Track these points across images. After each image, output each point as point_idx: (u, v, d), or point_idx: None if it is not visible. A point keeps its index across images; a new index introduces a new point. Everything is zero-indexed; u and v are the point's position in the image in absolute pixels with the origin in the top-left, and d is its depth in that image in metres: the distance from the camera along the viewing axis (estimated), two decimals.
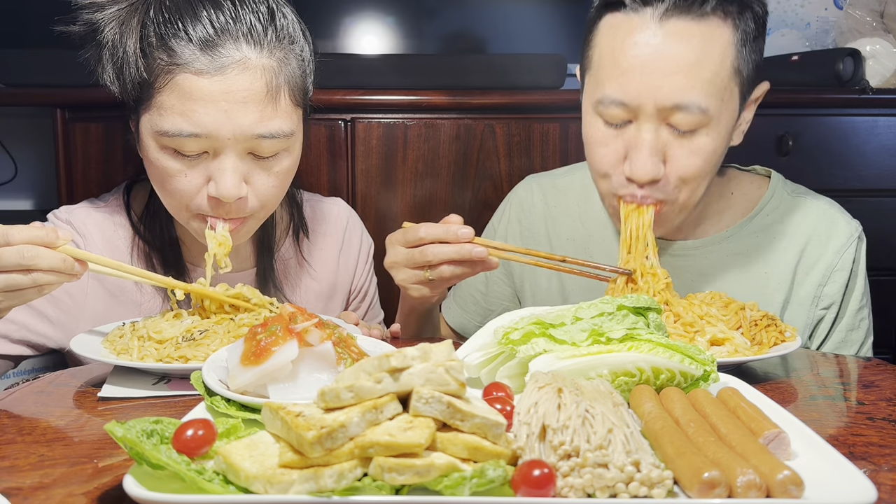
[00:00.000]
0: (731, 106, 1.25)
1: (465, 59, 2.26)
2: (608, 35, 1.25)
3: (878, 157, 2.19)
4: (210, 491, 0.63)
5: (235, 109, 1.14)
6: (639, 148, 1.22)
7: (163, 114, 1.14)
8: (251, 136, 1.16)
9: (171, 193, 1.20)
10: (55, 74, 1.95)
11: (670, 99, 1.19)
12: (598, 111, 1.26)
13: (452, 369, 0.70)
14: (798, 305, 1.42)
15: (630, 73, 1.21)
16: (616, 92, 1.22)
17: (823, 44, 2.74)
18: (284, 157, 1.22)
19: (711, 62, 1.20)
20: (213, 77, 1.13)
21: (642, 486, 0.64)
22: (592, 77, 1.29)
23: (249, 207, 1.21)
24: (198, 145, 1.15)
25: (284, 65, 1.19)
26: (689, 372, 0.89)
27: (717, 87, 1.21)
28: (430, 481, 0.63)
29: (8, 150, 2.41)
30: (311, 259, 1.48)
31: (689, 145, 1.23)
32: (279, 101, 1.18)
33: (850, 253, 1.42)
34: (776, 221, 1.44)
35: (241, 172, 1.18)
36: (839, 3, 2.75)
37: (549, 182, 1.61)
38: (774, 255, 1.42)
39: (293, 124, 1.21)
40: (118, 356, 1.07)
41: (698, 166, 1.24)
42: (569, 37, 2.52)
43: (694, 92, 1.19)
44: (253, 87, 1.15)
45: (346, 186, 2.07)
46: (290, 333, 0.85)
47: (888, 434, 0.88)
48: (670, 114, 1.20)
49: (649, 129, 1.22)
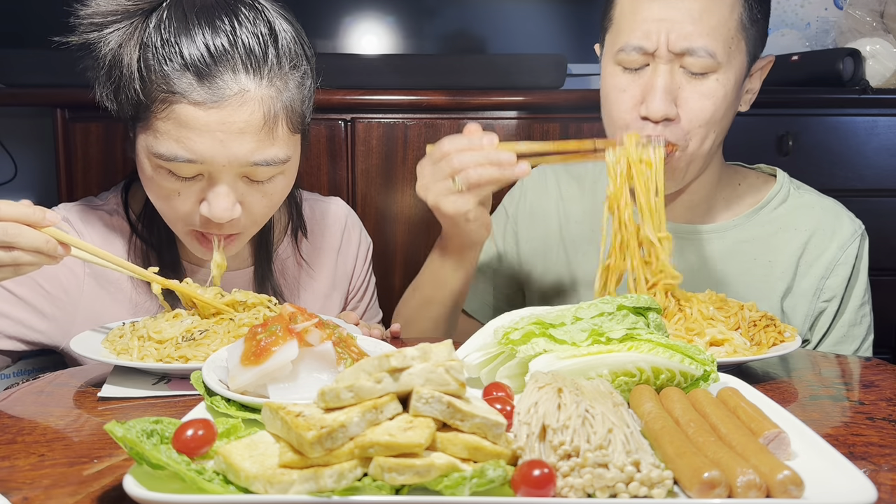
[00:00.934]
0: (739, 58, 1.34)
1: (465, 59, 2.26)
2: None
3: (878, 157, 2.19)
4: (210, 491, 0.63)
5: (231, 140, 1.13)
6: (654, 88, 1.31)
7: (159, 138, 1.14)
8: (246, 164, 1.15)
9: (166, 209, 1.22)
10: (55, 74, 1.95)
11: (680, 44, 1.30)
12: (618, 59, 1.35)
13: (452, 369, 0.70)
14: (800, 296, 1.46)
15: (648, 22, 1.31)
16: (635, 38, 1.32)
17: (823, 44, 2.74)
18: (279, 180, 1.22)
19: (719, 11, 1.31)
20: (210, 109, 1.11)
21: (642, 486, 0.64)
22: (613, 31, 1.38)
23: (241, 225, 1.22)
24: (192, 170, 1.15)
25: (283, 91, 1.17)
26: (689, 372, 0.89)
27: (724, 36, 1.31)
28: (430, 481, 0.63)
29: (8, 150, 2.41)
30: (309, 258, 1.48)
31: (701, 88, 1.32)
32: (276, 130, 1.17)
33: (853, 248, 1.46)
34: (783, 214, 1.50)
35: (235, 195, 1.18)
36: (839, 3, 2.75)
37: (563, 167, 1.66)
38: (779, 246, 1.48)
39: (289, 151, 1.20)
40: (118, 356, 1.07)
41: (709, 110, 1.32)
42: (569, 37, 2.52)
43: (702, 38, 1.29)
44: (251, 119, 1.13)
45: (346, 186, 2.07)
46: (290, 333, 0.85)
47: (888, 434, 0.88)
48: (682, 57, 1.31)
49: (664, 70, 1.31)
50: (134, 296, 1.33)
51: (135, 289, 1.33)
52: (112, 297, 1.32)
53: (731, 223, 1.50)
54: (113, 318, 1.27)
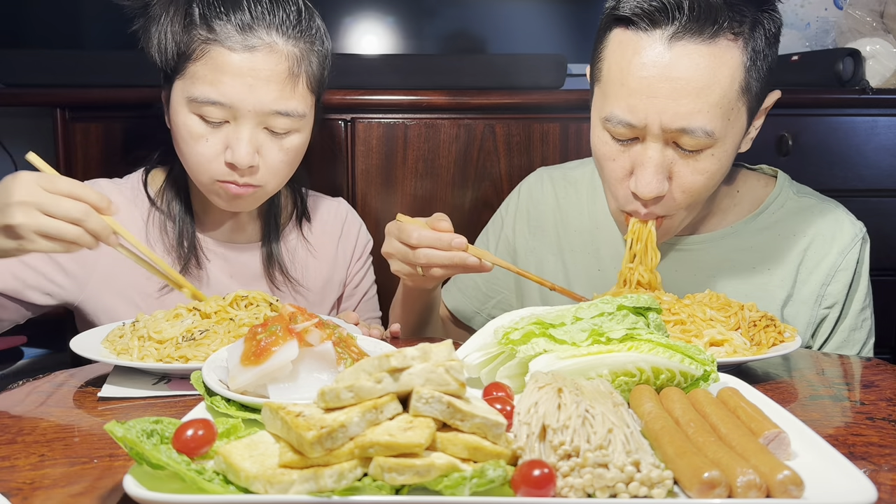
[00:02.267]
0: (739, 124, 1.26)
1: (465, 59, 2.25)
2: (617, 51, 1.24)
3: (878, 157, 2.19)
4: (210, 491, 0.63)
5: (259, 85, 1.28)
6: (644, 166, 1.24)
7: (195, 82, 1.29)
8: (269, 111, 1.30)
9: (193, 156, 1.33)
10: (55, 74, 1.95)
11: (676, 122, 1.19)
12: (605, 127, 1.27)
13: (452, 369, 0.70)
14: (801, 304, 1.42)
15: (637, 95, 1.20)
16: (623, 112, 1.22)
17: (823, 44, 2.74)
18: (295, 136, 1.36)
19: (719, 86, 1.19)
20: (243, 54, 1.28)
21: (642, 486, 0.64)
22: (601, 91, 1.29)
23: (259, 177, 1.34)
24: (221, 113, 1.29)
25: (306, 56, 1.34)
26: (689, 372, 0.89)
27: (724, 110, 1.21)
28: (430, 481, 0.63)
29: (8, 150, 2.41)
30: (312, 243, 1.59)
31: (695, 165, 1.24)
32: (297, 85, 1.33)
33: (854, 253, 1.42)
34: (781, 220, 1.45)
35: (255, 144, 1.31)
36: (839, 3, 2.75)
37: (561, 174, 1.62)
38: (778, 253, 1.43)
39: (307, 108, 1.36)
40: (118, 356, 1.07)
41: (702, 184, 1.26)
42: (569, 37, 2.52)
43: (700, 116, 1.19)
44: (277, 69, 1.30)
45: (346, 186, 2.07)
46: (290, 333, 0.85)
47: (888, 434, 0.88)
48: (676, 135, 1.21)
49: (655, 147, 1.23)
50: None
51: None
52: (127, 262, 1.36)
53: (729, 230, 1.45)
54: (126, 282, 1.40)
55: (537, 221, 1.60)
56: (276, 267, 1.50)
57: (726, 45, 1.19)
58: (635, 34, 1.21)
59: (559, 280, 1.55)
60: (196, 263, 1.44)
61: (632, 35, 1.22)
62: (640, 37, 1.21)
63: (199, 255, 1.45)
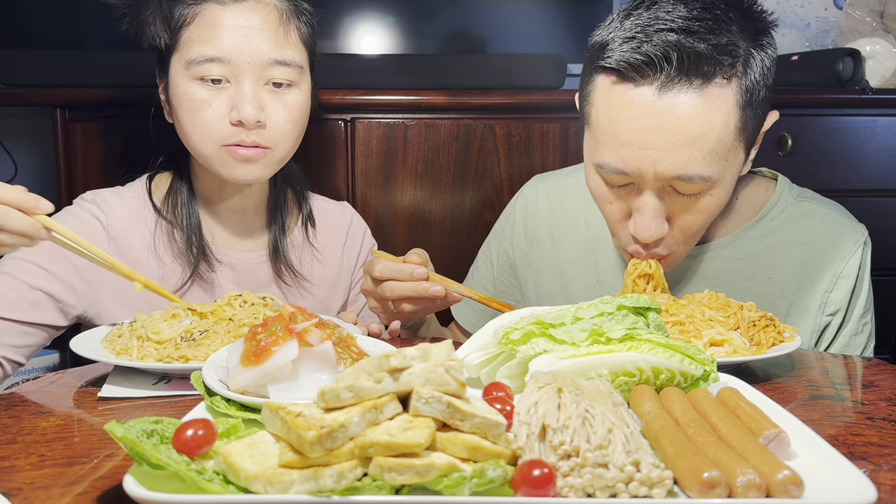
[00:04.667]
0: (737, 161, 1.24)
1: (465, 59, 2.25)
2: (604, 99, 1.21)
3: (878, 157, 2.19)
4: (210, 491, 0.63)
5: (253, 34, 1.31)
6: (642, 212, 1.22)
7: (190, 46, 1.32)
8: (267, 60, 1.32)
9: (198, 124, 1.33)
10: (55, 74, 1.95)
11: (671, 172, 1.17)
12: (599, 173, 1.25)
13: (452, 369, 0.70)
14: (804, 312, 1.40)
15: (628, 147, 1.17)
16: (615, 162, 1.20)
17: (823, 44, 2.74)
18: (296, 92, 1.38)
19: (714, 132, 1.16)
20: (233, 6, 1.32)
21: (642, 486, 0.64)
22: (591, 135, 1.26)
23: (267, 137, 1.35)
24: (220, 70, 1.31)
25: (294, 11, 1.38)
26: (689, 372, 0.89)
27: (721, 154, 1.18)
28: (430, 481, 0.63)
29: (8, 150, 2.41)
30: (318, 246, 1.58)
31: (694, 206, 1.23)
32: (290, 35, 1.36)
33: (856, 258, 1.40)
34: (781, 226, 1.42)
35: (259, 100, 1.33)
36: (839, 3, 2.75)
37: (555, 183, 1.60)
38: (779, 261, 1.40)
39: (302, 59, 1.38)
40: (118, 356, 1.07)
41: (703, 221, 1.25)
42: (569, 37, 2.52)
43: (696, 164, 1.16)
44: (268, 17, 1.33)
45: (346, 186, 2.07)
46: (290, 333, 0.85)
47: (888, 434, 0.88)
48: (673, 182, 1.19)
49: (651, 195, 1.21)
50: (157, 271, 1.41)
51: (159, 265, 1.42)
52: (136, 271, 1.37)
53: (728, 239, 1.41)
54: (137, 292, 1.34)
55: (534, 234, 1.58)
56: (282, 262, 1.50)
57: (718, 89, 1.15)
58: (623, 85, 1.18)
59: (558, 293, 1.54)
60: (208, 267, 1.44)
61: (619, 84, 1.18)
62: (628, 87, 1.17)
63: (211, 261, 1.44)
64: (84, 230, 1.38)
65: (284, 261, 1.50)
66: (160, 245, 1.43)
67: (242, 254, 1.49)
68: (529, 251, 1.58)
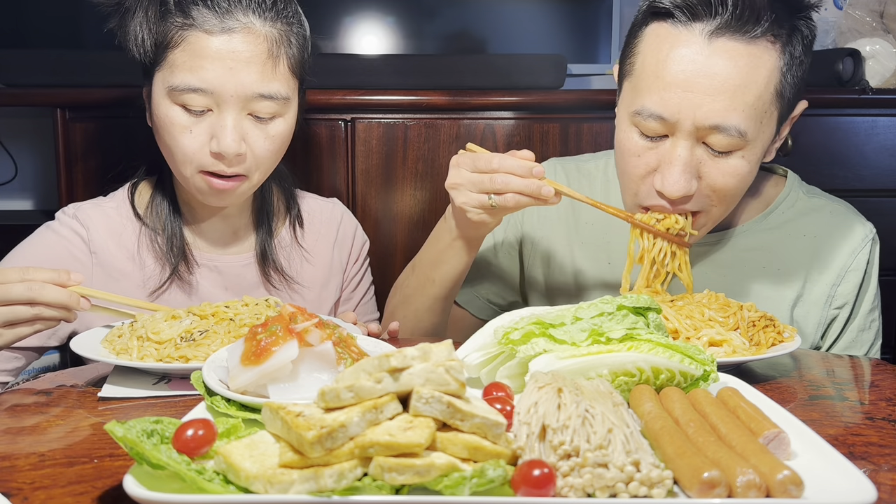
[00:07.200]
0: (769, 128, 1.25)
1: (465, 59, 2.25)
2: (653, 44, 1.23)
3: (878, 157, 2.19)
4: (210, 491, 0.63)
5: (239, 67, 1.26)
6: (672, 164, 1.22)
7: (174, 71, 1.27)
8: (252, 94, 1.28)
9: (177, 149, 1.30)
10: (55, 74, 1.95)
11: (710, 119, 1.18)
12: (634, 121, 1.25)
13: (452, 369, 0.70)
14: (811, 304, 1.42)
15: (672, 88, 1.19)
16: (656, 105, 1.21)
17: (823, 44, 2.74)
18: (280, 122, 1.34)
19: (756, 86, 1.18)
20: (221, 37, 1.26)
21: (642, 485, 0.64)
22: (632, 85, 1.26)
23: (246, 166, 1.32)
24: (203, 101, 1.27)
25: (285, 38, 1.32)
26: (688, 372, 0.89)
27: (758, 111, 1.20)
28: (430, 481, 0.63)
29: (8, 150, 2.41)
30: (307, 247, 1.55)
31: (724, 166, 1.23)
32: (278, 67, 1.31)
33: (864, 254, 1.42)
34: (791, 220, 1.45)
35: (241, 131, 1.29)
36: (839, 3, 2.75)
37: (574, 165, 1.61)
38: (788, 253, 1.43)
39: (289, 90, 1.33)
40: (118, 356, 1.07)
41: (732, 185, 1.25)
42: (569, 37, 2.52)
43: (735, 114, 1.18)
44: (256, 50, 1.28)
45: (346, 186, 2.06)
46: (290, 333, 0.85)
47: (888, 434, 0.88)
48: (708, 133, 1.20)
49: (685, 146, 1.21)
50: (143, 282, 1.40)
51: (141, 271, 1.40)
52: (118, 284, 1.38)
53: (740, 229, 1.44)
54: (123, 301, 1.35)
55: (547, 210, 1.57)
56: (270, 265, 1.47)
57: (765, 46, 1.19)
58: (674, 27, 1.20)
59: (567, 272, 1.54)
60: (187, 269, 1.41)
61: (670, 28, 1.21)
62: (680, 30, 1.20)
63: (189, 259, 1.42)
64: (65, 246, 1.37)
65: (273, 264, 1.48)
66: (143, 250, 1.41)
67: (229, 257, 1.47)
68: (541, 227, 1.58)
